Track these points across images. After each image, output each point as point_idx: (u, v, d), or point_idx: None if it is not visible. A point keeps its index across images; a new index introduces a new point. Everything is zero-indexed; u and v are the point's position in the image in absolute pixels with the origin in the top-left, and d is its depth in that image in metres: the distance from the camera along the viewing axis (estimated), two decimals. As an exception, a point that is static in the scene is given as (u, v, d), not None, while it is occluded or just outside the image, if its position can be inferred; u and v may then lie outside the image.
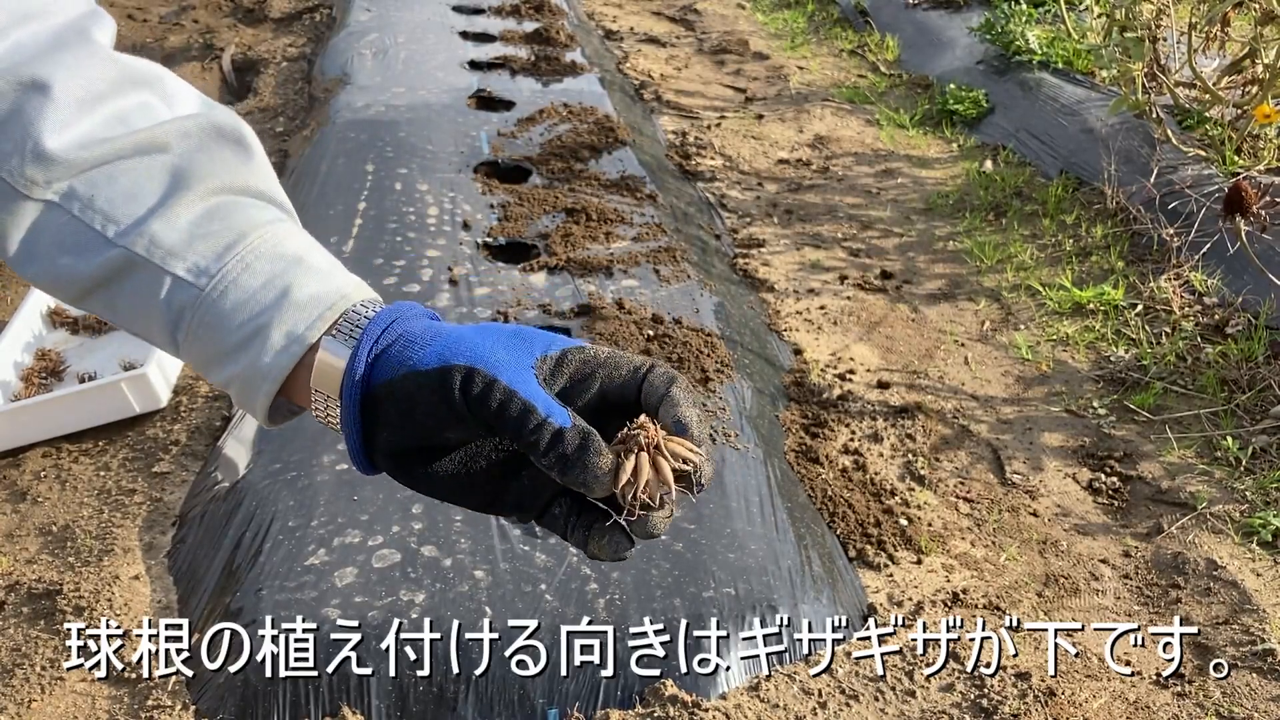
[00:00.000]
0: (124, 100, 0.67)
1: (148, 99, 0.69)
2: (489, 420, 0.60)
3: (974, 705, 1.33)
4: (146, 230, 0.65)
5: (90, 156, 0.65)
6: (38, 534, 1.62)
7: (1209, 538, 1.70)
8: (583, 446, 0.58)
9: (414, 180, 2.52)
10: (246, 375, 0.65)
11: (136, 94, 0.68)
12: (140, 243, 0.65)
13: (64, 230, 0.65)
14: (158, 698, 1.30)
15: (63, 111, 0.65)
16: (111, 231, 0.65)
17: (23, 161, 0.64)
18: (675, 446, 0.60)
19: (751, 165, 3.21)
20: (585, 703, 1.27)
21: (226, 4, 4.44)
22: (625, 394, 0.63)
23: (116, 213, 0.65)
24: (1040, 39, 3.63)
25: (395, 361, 0.62)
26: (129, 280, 0.66)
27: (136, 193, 0.66)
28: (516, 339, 0.63)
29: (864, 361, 2.18)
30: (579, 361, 0.63)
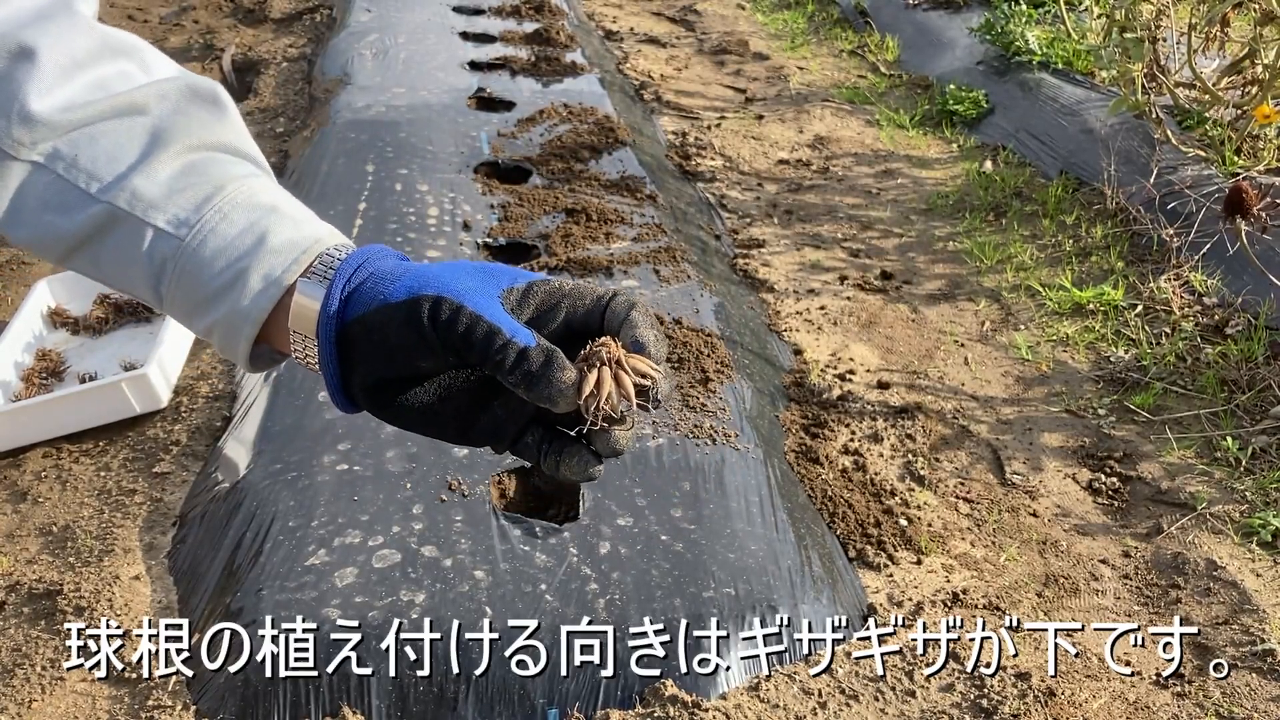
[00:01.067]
0: (105, 67, 0.70)
1: (126, 66, 0.72)
2: (457, 345, 0.61)
3: (974, 705, 1.33)
4: (128, 185, 0.68)
5: (73, 119, 0.68)
6: (38, 534, 1.62)
7: (1209, 538, 1.70)
8: (547, 362, 0.60)
9: (414, 181, 2.52)
10: (228, 320, 0.67)
11: (116, 62, 0.71)
12: (122, 197, 0.67)
13: (49, 189, 0.68)
14: (158, 698, 1.30)
15: (47, 77, 0.67)
16: (95, 188, 0.68)
17: (9, 124, 0.67)
18: (635, 362, 0.63)
19: (751, 166, 3.21)
20: (585, 703, 1.27)
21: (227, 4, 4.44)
22: (590, 322, 0.66)
23: (99, 170, 0.68)
24: (1040, 39, 3.64)
25: (367, 297, 0.64)
26: (112, 235, 0.68)
27: (117, 152, 0.68)
28: (483, 272, 0.66)
29: (864, 362, 2.18)
30: (544, 293, 0.66)
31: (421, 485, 1.54)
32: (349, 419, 1.69)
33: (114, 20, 4.18)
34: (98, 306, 2.20)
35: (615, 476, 1.57)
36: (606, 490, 1.55)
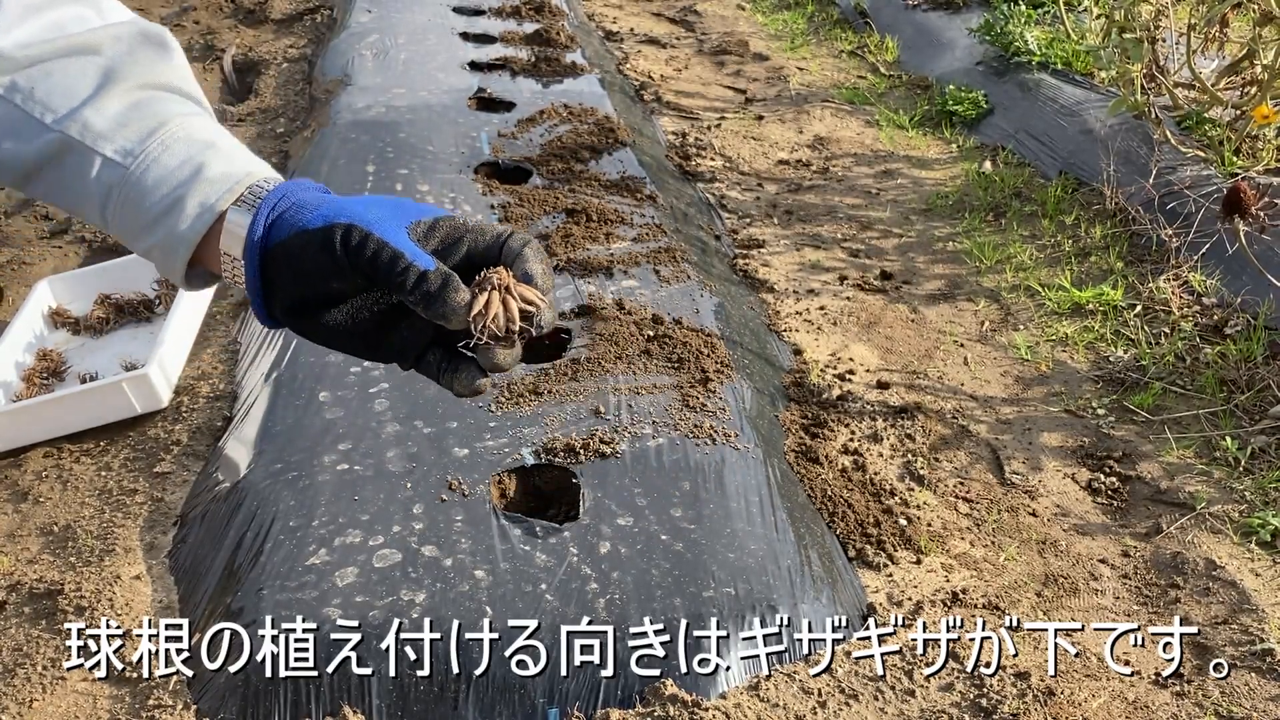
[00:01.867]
0: (62, 11, 0.77)
1: (83, 11, 0.78)
2: (365, 268, 0.68)
3: (973, 705, 1.33)
4: (80, 117, 0.74)
5: (31, 55, 0.74)
6: (39, 534, 1.62)
7: (1208, 538, 1.70)
8: (444, 284, 0.68)
9: (415, 181, 2.52)
10: (166, 242, 0.74)
11: (73, 7, 0.78)
12: (74, 128, 0.74)
13: (8, 118, 0.74)
14: (159, 697, 1.30)
15: (7, 17, 0.74)
16: (49, 119, 0.74)
17: None
18: (523, 290, 0.71)
19: (751, 166, 3.21)
20: (585, 702, 1.27)
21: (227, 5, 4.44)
22: (489, 256, 0.73)
23: (54, 103, 0.74)
24: (1039, 40, 3.64)
25: (288, 224, 0.71)
26: (65, 161, 0.74)
27: (71, 86, 0.75)
28: (396, 206, 0.73)
29: (863, 362, 2.18)
30: (449, 227, 0.73)
31: (422, 485, 1.54)
32: (350, 419, 1.69)
33: None
34: (98, 307, 2.21)
35: (615, 476, 1.57)
36: (607, 490, 1.55)
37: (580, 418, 1.70)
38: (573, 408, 1.72)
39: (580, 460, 1.60)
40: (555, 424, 1.68)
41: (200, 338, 2.13)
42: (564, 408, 1.72)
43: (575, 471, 1.58)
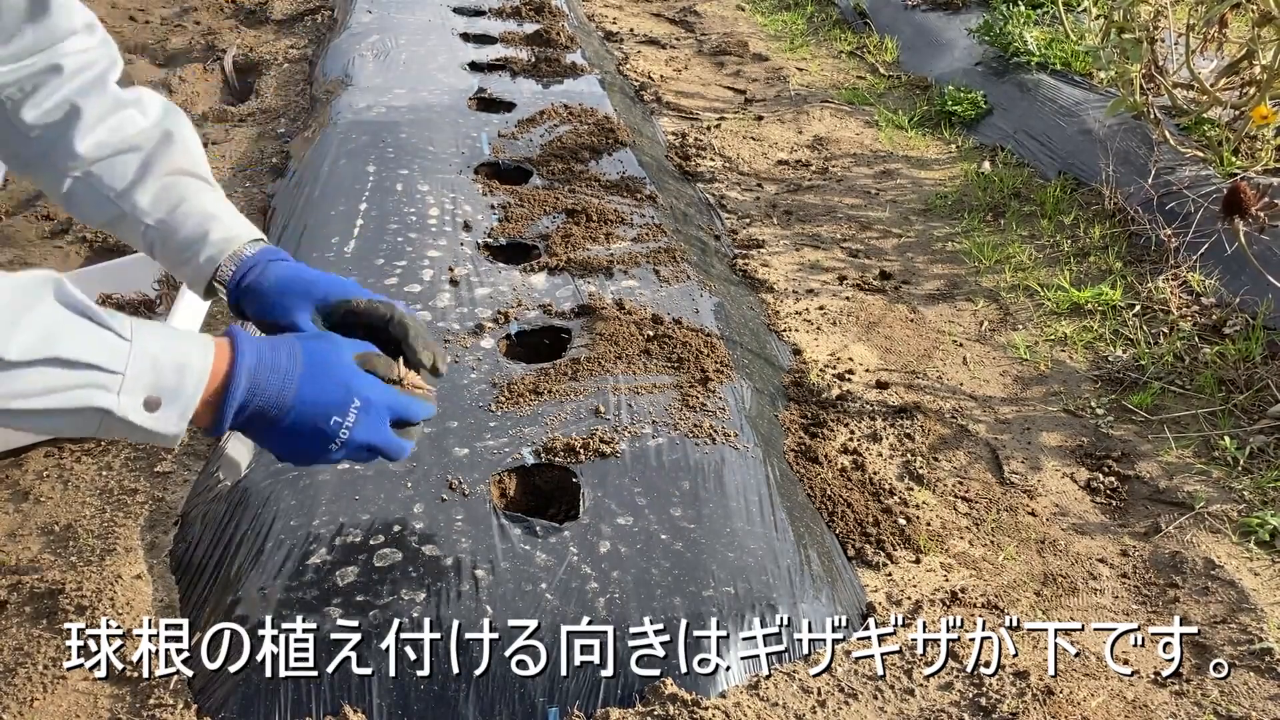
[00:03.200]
0: (120, 115, 1.26)
1: (132, 113, 1.27)
2: None
3: (972, 704, 1.33)
4: (130, 198, 1.25)
5: (99, 154, 1.24)
6: (40, 533, 1.62)
7: (1207, 537, 1.70)
8: None
9: (415, 181, 2.53)
10: (190, 278, 1.27)
11: (127, 110, 1.27)
12: (127, 205, 1.25)
13: (87, 194, 1.25)
14: (160, 697, 1.30)
15: (87, 124, 1.23)
16: (111, 195, 1.24)
17: (65, 156, 1.23)
18: (411, 379, 1.18)
19: (751, 166, 3.22)
20: (585, 701, 1.27)
21: (228, 6, 4.45)
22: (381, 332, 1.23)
23: (114, 185, 1.24)
24: (1038, 40, 3.64)
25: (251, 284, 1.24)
26: (124, 223, 1.26)
27: (123, 174, 1.24)
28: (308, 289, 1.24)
29: (863, 361, 2.18)
30: (342, 311, 1.23)
31: (422, 484, 1.54)
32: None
33: (116, 22, 4.19)
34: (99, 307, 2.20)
35: (615, 476, 1.58)
36: (606, 489, 1.55)
37: (580, 417, 1.70)
38: (572, 407, 1.73)
39: (580, 460, 1.60)
40: (555, 423, 1.68)
41: (201, 338, 2.13)
42: (564, 407, 1.72)
43: (575, 471, 1.58)
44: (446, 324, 1.96)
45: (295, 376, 1.09)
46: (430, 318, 1.98)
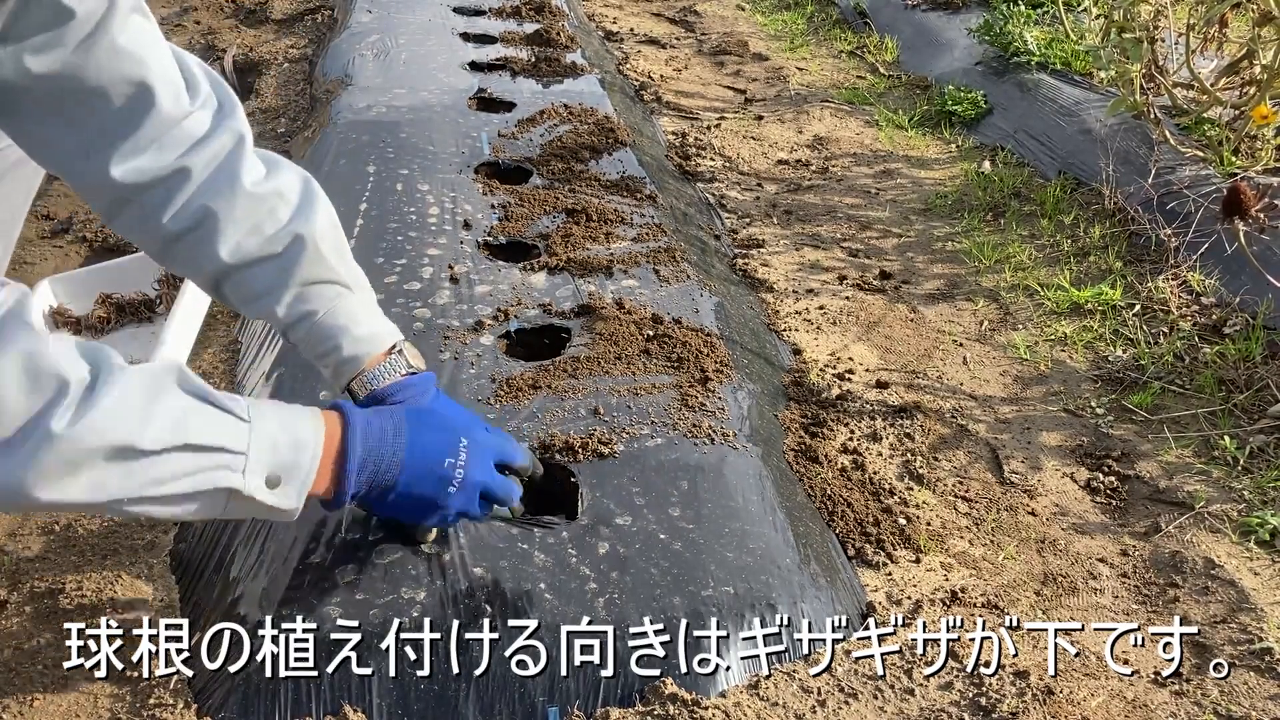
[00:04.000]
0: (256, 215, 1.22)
1: (275, 204, 1.24)
2: None
3: (972, 704, 1.33)
4: (268, 310, 1.27)
5: (239, 261, 1.23)
6: (40, 533, 1.62)
7: (1207, 537, 1.70)
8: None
9: (415, 181, 2.53)
10: (328, 377, 1.35)
11: (264, 206, 1.23)
12: (266, 315, 1.28)
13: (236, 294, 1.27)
14: (160, 696, 1.30)
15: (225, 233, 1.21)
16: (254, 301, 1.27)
17: (211, 264, 1.23)
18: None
19: (751, 166, 3.22)
20: (585, 701, 1.27)
21: (228, 5, 4.45)
22: None
23: (256, 293, 1.26)
24: (1038, 40, 3.64)
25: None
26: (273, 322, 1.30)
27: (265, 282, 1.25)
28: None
29: (863, 361, 2.18)
30: None
31: (422, 484, 1.54)
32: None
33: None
34: (100, 306, 2.21)
35: (614, 475, 1.58)
36: (605, 490, 1.55)
37: (579, 416, 1.70)
38: (571, 406, 1.73)
39: (579, 459, 1.60)
40: (554, 422, 1.68)
41: (201, 337, 2.13)
42: (563, 406, 1.73)
43: (574, 470, 1.58)
44: (446, 320, 1.96)
45: (404, 431, 1.19)
46: (430, 315, 1.98)
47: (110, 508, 0.95)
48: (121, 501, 0.94)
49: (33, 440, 0.85)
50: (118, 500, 0.94)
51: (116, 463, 0.91)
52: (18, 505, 0.90)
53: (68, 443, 0.87)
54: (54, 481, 0.88)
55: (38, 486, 0.88)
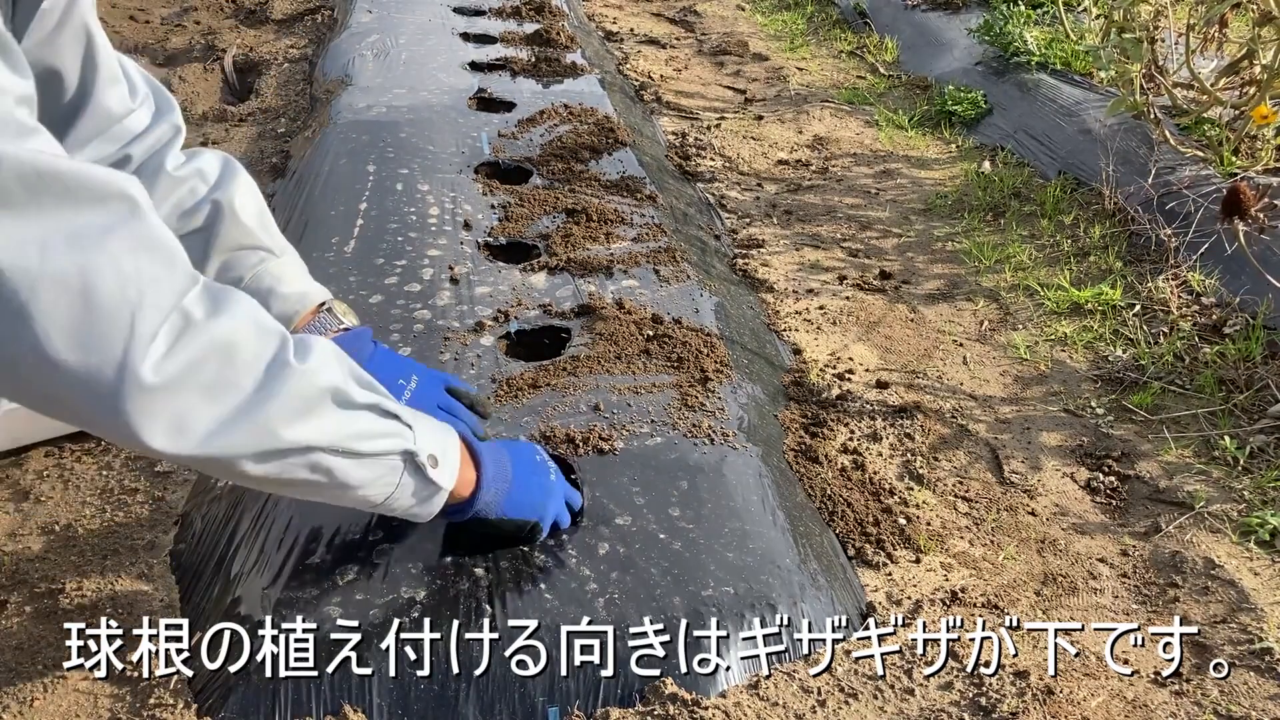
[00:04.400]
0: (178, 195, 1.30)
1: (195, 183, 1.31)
2: None
3: (972, 704, 1.33)
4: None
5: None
6: (40, 533, 1.62)
7: (1207, 537, 1.70)
8: None
9: (415, 181, 2.53)
10: None
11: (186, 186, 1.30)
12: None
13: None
14: (160, 696, 1.30)
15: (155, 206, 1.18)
16: None
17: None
18: None
19: (751, 166, 3.22)
20: (585, 701, 1.27)
21: (228, 5, 4.45)
22: None
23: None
24: (1038, 40, 3.64)
25: None
26: None
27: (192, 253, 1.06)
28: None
29: (863, 361, 2.18)
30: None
31: (422, 484, 1.54)
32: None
33: (116, 21, 4.19)
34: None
35: (613, 476, 1.58)
36: (605, 490, 1.55)
37: (579, 416, 1.70)
38: (571, 405, 1.73)
39: (579, 458, 1.60)
40: (554, 421, 1.68)
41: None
42: (563, 406, 1.73)
43: (574, 470, 1.58)
44: (446, 322, 1.96)
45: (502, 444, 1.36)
46: (430, 316, 1.98)
47: (319, 464, 1.02)
48: (336, 450, 1.03)
49: (276, 374, 0.96)
50: (333, 448, 1.02)
51: (335, 408, 1.02)
52: (261, 448, 0.96)
53: (303, 375, 0.98)
54: (294, 416, 0.97)
55: (282, 422, 0.96)
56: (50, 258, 0.83)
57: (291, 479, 1.03)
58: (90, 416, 0.90)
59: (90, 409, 0.89)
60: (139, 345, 0.87)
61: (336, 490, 1.08)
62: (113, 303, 0.86)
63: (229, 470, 0.99)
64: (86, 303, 0.84)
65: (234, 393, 0.94)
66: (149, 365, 0.87)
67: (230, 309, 0.95)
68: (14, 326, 0.83)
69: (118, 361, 0.86)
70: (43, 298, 0.83)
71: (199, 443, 0.92)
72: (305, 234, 2.29)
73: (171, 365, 0.89)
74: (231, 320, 0.95)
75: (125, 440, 0.91)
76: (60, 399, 0.89)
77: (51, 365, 0.85)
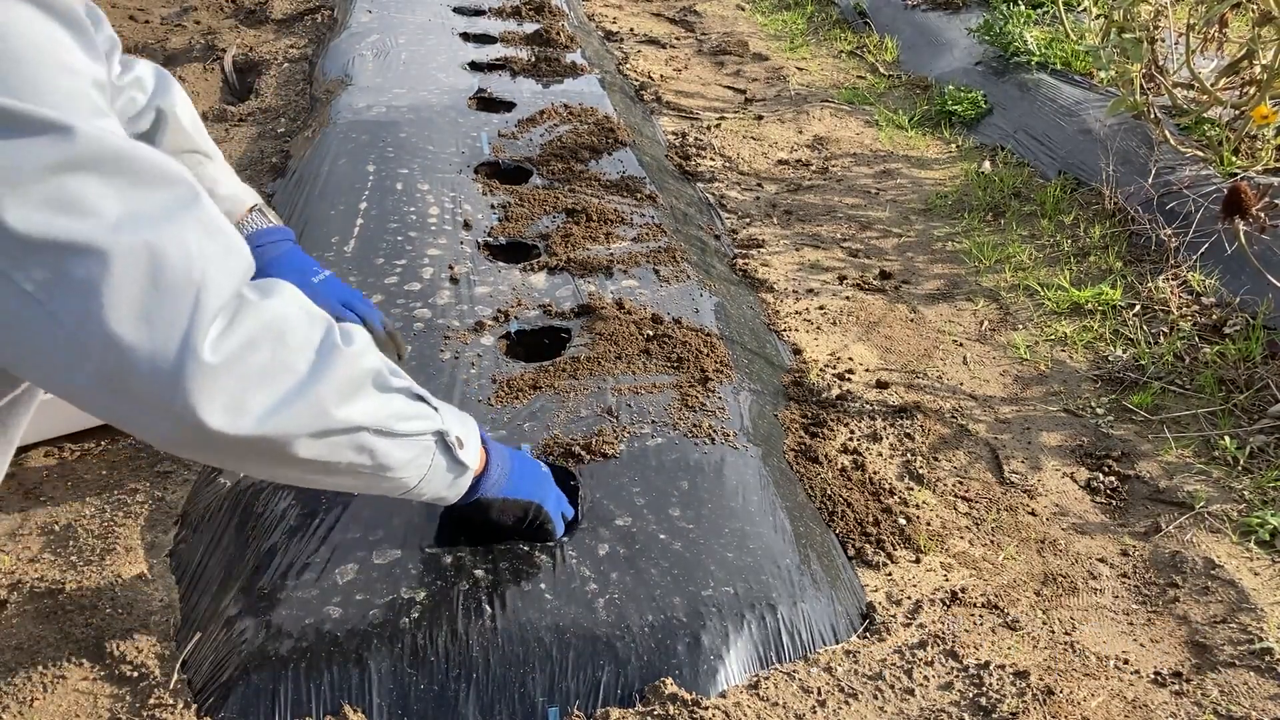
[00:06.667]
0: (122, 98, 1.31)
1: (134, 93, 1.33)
2: None
3: (972, 704, 1.33)
4: None
5: None
6: (40, 533, 1.62)
7: (1207, 537, 1.70)
8: None
9: (415, 180, 2.53)
10: None
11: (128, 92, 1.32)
12: None
13: None
14: (160, 696, 1.30)
15: None
16: None
17: None
18: None
19: (751, 166, 3.22)
20: (585, 701, 1.28)
21: (228, 5, 4.45)
22: None
23: None
24: (1038, 40, 3.64)
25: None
26: None
27: None
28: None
29: (863, 361, 2.18)
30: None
31: (422, 484, 1.54)
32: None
33: (116, 21, 4.18)
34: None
35: (613, 476, 1.58)
36: (605, 490, 1.55)
37: (579, 416, 1.70)
38: (571, 406, 1.73)
39: (579, 459, 1.60)
40: (554, 422, 1.68)
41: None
42: (563, 406, 1.73)
43: (574, 470, 1.58)
44: (446, 321, 1.96)
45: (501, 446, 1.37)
46: (430, 315, 1.98)
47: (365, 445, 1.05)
48: (379, 431, 1.05)
49: (327, 356, 0.98)
50: (377, 428, 1.05)
51: (377, 390, 1.05)
52: (315, 427, 0.98)
53: (352, 358, 1.01)
54: (344, 397, 1.00)
55: (334, 401, 0.98)
56: (122, 235, 0.83)
57: (338, 461, 1.03)
58: (148, 398, 0.87)
59: (149, 389, 0.86)
60: (202, 324, 0.87)
61: (377, 473, 1.09)
62: (180, 280, 0.86)
63: (278, 453, 0.97)
64: (154, 280, 0.84)
65: (289, 374, 0.95)
66: (209, 344, 0.88)
67: (280, 293, 0.98)
68: (85, 303, 0.82)
69: (181, 339, 0.86)
70: (114, 273, 0.82)
71: (256, 421, 0.92)
72: (305, 234, 2.29)
73: (229, 345, 0.89)
74: (283, 304, 0.97)
75: (179, 421, 0.89)
76: (119, 381, 0.86)
77: (116, 343, 0.84)
